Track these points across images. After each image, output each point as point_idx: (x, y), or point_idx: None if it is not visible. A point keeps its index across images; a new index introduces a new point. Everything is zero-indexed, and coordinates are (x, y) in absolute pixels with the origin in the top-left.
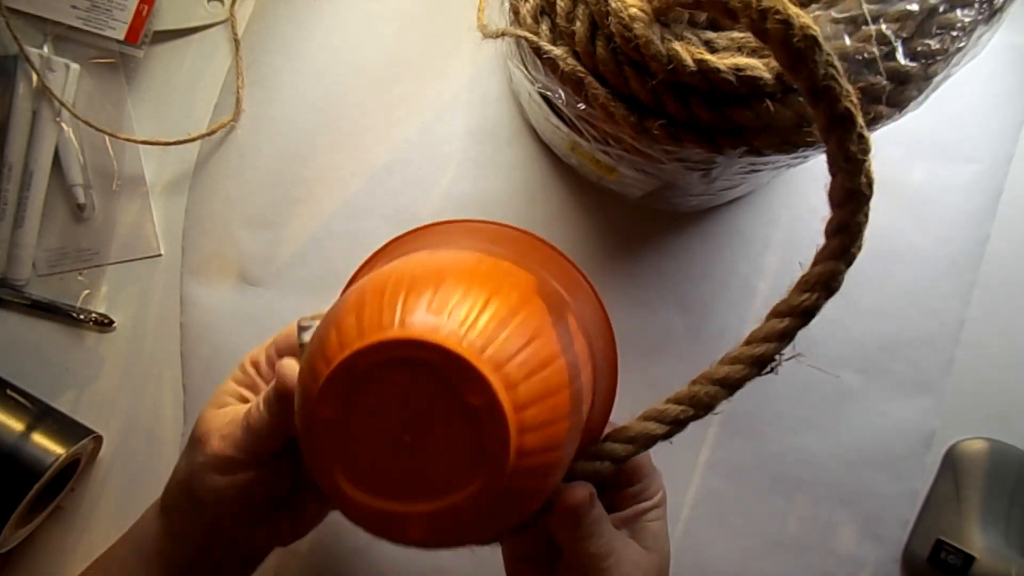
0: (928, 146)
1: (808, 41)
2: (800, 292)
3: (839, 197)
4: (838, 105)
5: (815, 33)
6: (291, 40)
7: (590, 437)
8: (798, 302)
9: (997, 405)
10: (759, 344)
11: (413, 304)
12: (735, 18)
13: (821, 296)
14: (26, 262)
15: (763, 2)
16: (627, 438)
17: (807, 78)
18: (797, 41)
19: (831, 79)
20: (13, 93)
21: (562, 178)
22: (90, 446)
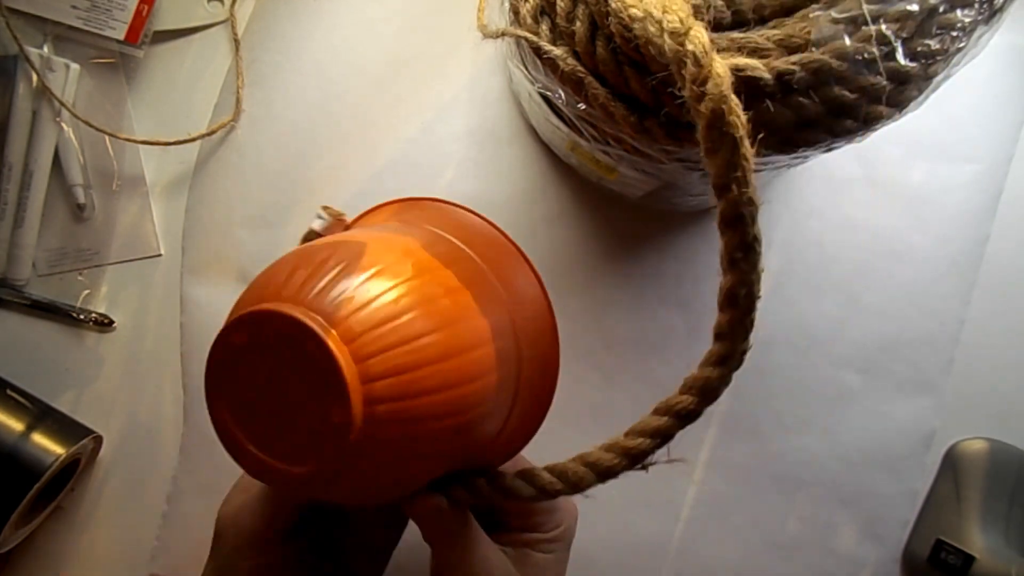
0: (928, 146)
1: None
2: (680, 394)
3: (725, 301)
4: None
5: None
6: (291, 40)
7: (506, 437)
8: (675, 403)
9: (997, 405)
10: (635, 437)
11: (310, 279)
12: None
13: (699, 402)
14: (26, 262)
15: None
16: (503, 486)
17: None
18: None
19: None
20: (13, 93)
21: (562, 178)
22: (90, 446)
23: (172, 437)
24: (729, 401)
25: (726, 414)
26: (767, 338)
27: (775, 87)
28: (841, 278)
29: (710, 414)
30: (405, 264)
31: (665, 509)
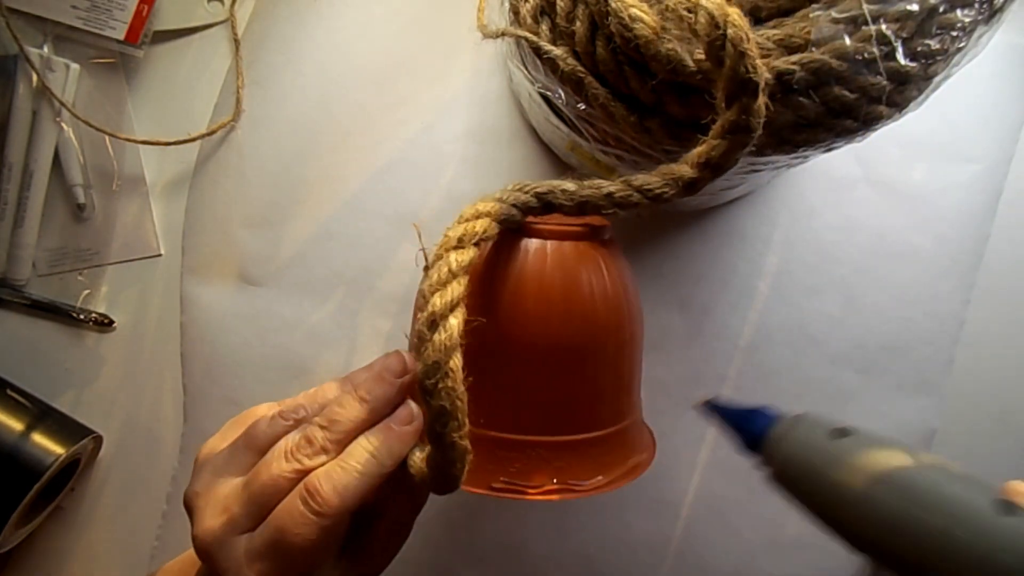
0: (928, 146)
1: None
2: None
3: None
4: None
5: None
6: (291, 40)
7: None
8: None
9: (997, 405)
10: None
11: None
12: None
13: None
14: (26, 262)
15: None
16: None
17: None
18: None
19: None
20: (13, 93)
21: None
22: (90, 446)
23: (172, 437)
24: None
25: None
26: (767, 338)
27: (775, 87)
28: (841, 278)
29: None
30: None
31: (665, 509)
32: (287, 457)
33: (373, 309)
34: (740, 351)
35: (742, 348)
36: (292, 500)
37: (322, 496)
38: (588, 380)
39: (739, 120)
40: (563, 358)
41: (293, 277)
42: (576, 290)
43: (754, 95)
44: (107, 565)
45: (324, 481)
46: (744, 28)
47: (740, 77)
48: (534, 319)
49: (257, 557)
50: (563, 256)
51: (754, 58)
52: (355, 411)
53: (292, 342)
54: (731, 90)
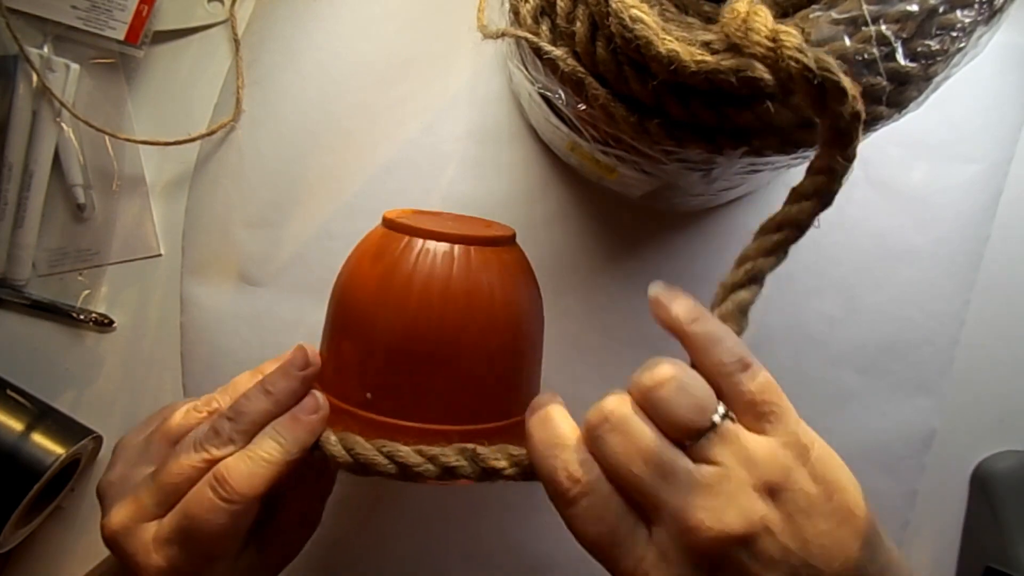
0: (928, 146)
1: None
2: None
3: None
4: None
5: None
6: (291, 40)
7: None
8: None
9: (997, 405)
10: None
11: None
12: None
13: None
14: (26, 262)
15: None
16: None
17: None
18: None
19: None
20: (13, 93)
21: (562, 178)
22: (90, 446)
23: None
24: None
25: None
26: (767, 338)
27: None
28: (841, 278)
29: None
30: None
31: None
32: (195, 447)
33: None
34: None
35: None
36: (201, 488)
37: (231, 484)
38: (490, 374)
39: (832, 127)
40: (462, 353)
41: (293, 277)
42: (477, 291)
43: (841, 96)
44: None
45: (232, 469)
46: (837, 71)
47: (815, 87)
48: (438, 316)
49: (165, 543)
50: (468, 260)
51: (824, 64)
52: (261, 403)
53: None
54: (815, 105)
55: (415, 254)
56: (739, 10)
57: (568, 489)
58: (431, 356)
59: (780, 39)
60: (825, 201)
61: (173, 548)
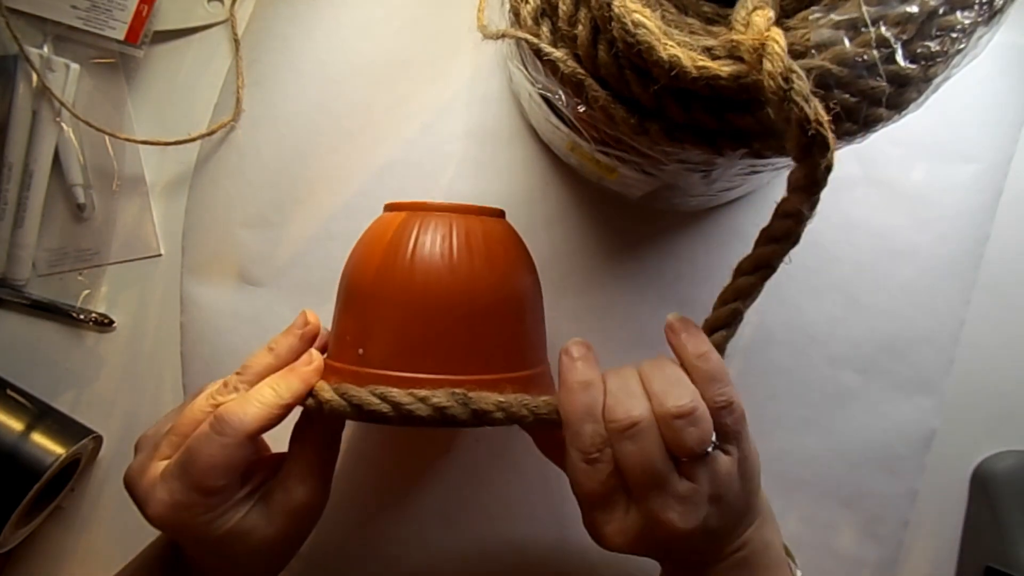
0: (928, 146)
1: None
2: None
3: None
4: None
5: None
6: (291, 40)
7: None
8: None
9: (997, 405)
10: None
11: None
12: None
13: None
14: (26, 262)
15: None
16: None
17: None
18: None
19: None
20: (13, 93)
21: (562, 178)
22: (90, 446)
23: None
24: None
25: None
26: (767, 338)
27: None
28: (841, 278)
29: None
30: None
31: None
32: (206, 398)
33: None
34: (740, 351)
35: (742, 348)
36: (203, 427)
37: (226, 420)
38: (488, 328)
39: (805, 177)
40: (459, 307)
41: (293, 277)
42: (471, 252)
43: (824, 150)
44: (107, 565)
45: (228, 408)
46: (806, 91)
47: (804, 142)
48: (435, 275)
49: (169, 476)
50: (463, 227)
51: (820, 118)
52: (264, 358)
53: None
54: (799, 150)
55: (415, 225)
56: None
57: (589, 450)
58: (434, 310)
59: (792, 81)
60: (793, 241)
61: (174, 481)
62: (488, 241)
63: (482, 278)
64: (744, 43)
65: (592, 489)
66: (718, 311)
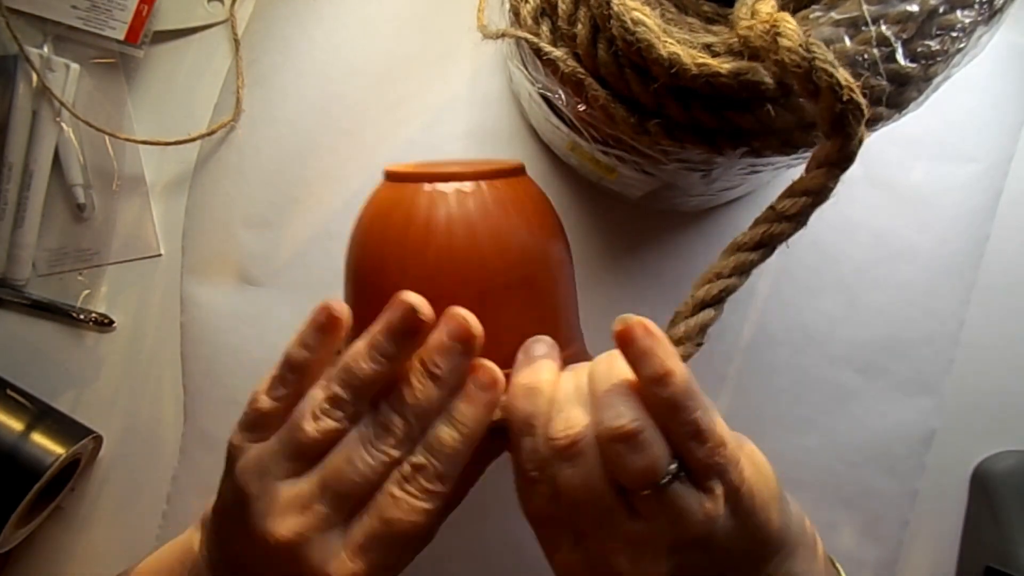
0: (928, 146)
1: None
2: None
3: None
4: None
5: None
6: (291, 40)
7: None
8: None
9: (997, 405)
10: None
11: None
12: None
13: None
14: (26, 262)
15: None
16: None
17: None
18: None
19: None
20: (13, 93)
21: (562, 178)
22: (90, 446)
23: (172, 437)
24: (729, 401)
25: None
26: (767, 338)
27: (775, 91)
28: (841, 278)
29: None
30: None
31: None
32: (368, 448)
33: None
34: (740, 351)
35: (742, 348)
36: (395, 489)
37: (425, 485)
38: (519, 312)
39: (838, 151)
40: (487, 291)
41: (293, 277)
42: (497, 226)
43: (859, 118)
44: (107, 565)
45: (424, 471)
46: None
47: (838, 110)
48: (460, 259)
49: (361, 550)
50: (482, 196)
51: (851, 83)
52: (431, 391)
53: None
54: (831, 123)
55: (425, 201)
56: (764, 12)
57: (526, 467)
58: (456, 298)
59: (813, 51)
60: (802, 223)
61: (371, 555)
62: (520, 208)
63: (523, 253)
64: (755, 28)
65: (532, 513)
66: (707, 287)
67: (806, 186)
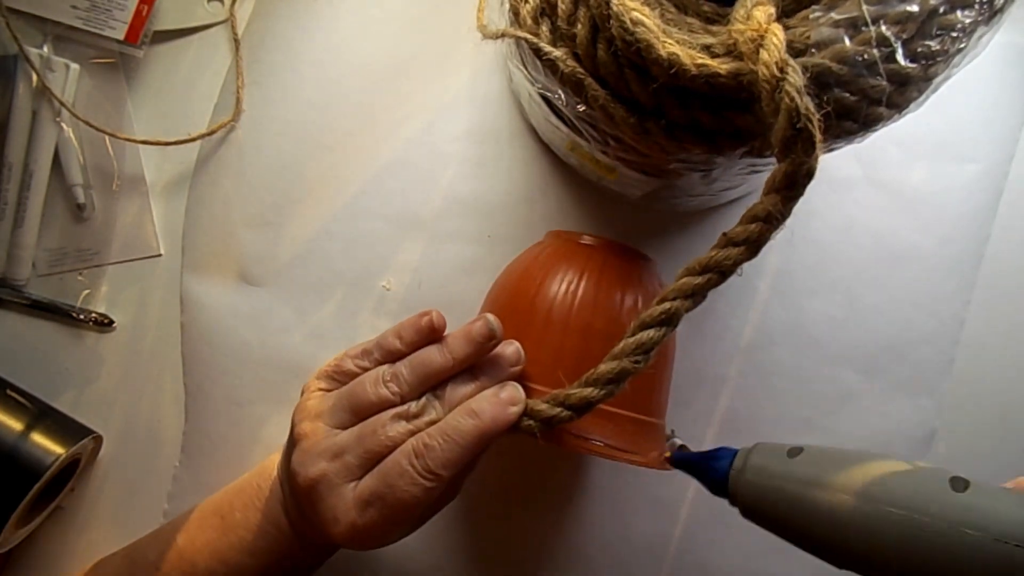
0: (928, 146)
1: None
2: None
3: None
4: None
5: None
6: (291, 40)
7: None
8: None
9: (997, 405)
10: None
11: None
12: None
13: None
14: (26, 262)
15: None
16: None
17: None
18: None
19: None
20: (13, 93)
21: (562, 178)
22: (90, 446)
23: (172, 437)
24: (729, 401)
25: (726, 414)
26: (767, 338)
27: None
28: (841, 278)
29: (710, 413)
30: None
31: (665, 509)
32: (395, 418)
33: (373, 309)
34: (740, 351)
35: (742, 348)
36: (402, 461)
37: (428, 462)
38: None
39: (785, 177)
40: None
41: (293, 277)
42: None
43: (808, 149)
44: None
45: (431, 449)
46: (799, 85)
47: (789, 134)
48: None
49: (366, 505)
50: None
51: (810, 114)
52: (437, 359)
53: (292, 342)
54: (782, 144)
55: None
56: (758, 19)
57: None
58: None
59: (787, 73)
60: (754, 250)
61: (371, 510)
62: (629, 281)
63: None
64: (744, 33)
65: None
66: (651, 309)
67: (755, 212)
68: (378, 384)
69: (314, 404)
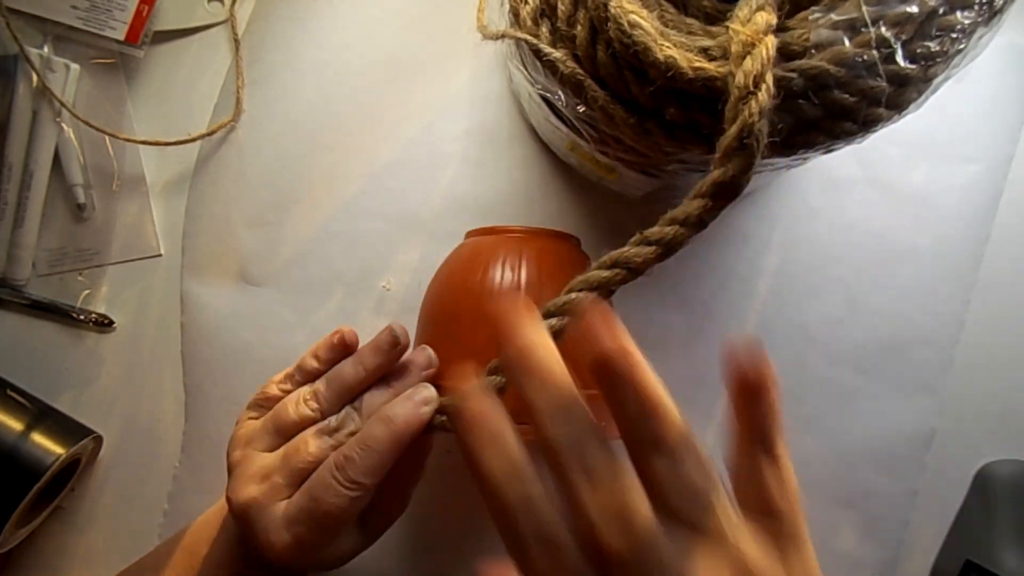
0: (928, 146)
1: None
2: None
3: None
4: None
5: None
6: (291, 40)
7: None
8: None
9: (997, 405)
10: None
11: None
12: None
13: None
14: (26, 262)
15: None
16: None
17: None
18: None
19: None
20: (13, 93)
21: (562, 178)
22: (90, 446)
23: (172, 437)
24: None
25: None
26: (767, 338)
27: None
28: (841, 278)
29: (710, 414)
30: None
31: None
32: (317, 435)
33: (373, 309)
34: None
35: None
36: (325, 475)
37: (349, 473)
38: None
39: (716, 182)
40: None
41: (293, 277)
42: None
43: (746, 167)
44: (107, 565)
45: (350, 460)
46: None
47: (735, 145)
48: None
49: (295, 521)
50: (540, 250)
51: (760, 135)
52: (352, 373)
53: (292, 342)
54: (725, 151)
55: (487, 250)
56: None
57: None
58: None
59: (759, 89)
60: (667, 252)
61: (300, 527)
62: (560, 263)
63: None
64: (739, 33)
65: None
66: (556, 299)
67: (675, 215)
68: (299, 403)
69: (244, 432)
